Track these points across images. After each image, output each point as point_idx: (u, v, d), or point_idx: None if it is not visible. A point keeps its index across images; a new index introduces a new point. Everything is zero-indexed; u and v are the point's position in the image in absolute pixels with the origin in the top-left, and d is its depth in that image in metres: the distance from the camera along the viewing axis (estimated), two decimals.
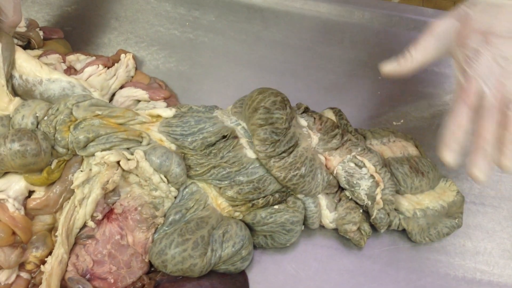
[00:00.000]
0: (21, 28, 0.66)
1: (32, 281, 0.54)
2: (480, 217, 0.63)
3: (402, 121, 0.69)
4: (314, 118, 0.60)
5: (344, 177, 0.58)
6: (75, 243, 0.55)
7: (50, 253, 0.54)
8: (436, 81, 0.73)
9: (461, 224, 0.60)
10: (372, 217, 0.58)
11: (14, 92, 0.59)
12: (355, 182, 0.58)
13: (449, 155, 0.46)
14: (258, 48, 0.74)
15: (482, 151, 0.46)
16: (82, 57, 0.68)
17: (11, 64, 0.58)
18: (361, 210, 0.59)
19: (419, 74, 0.72)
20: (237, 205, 0.57)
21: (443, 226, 0.60)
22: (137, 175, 0.57)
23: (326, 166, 0.59)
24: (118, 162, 0.55)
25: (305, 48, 0.75)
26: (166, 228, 0.56)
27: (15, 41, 0.63)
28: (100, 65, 0.65)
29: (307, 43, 0.75)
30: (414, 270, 0.59)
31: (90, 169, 0.55)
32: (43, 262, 0.54)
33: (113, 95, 0.66)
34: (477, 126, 0.47)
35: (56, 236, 0.54)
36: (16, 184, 0.55)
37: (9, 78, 0.58)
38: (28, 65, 0.59)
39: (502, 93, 0.47)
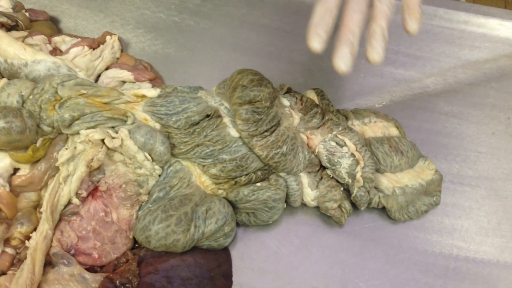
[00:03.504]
0: (8, 9, 0.66)
1: (17, 256, 0.54)
2: (458, 195, 0.64)
3: (384, 103, 0.70)
4: (296, 98, 0.61)
5: (326, 156, 0.59)
6: (60, 220, 0.55)
7: (35, 229, 0.54)
8: (417, 65, 0.74)
9: (439, 202, 0.62)
10: (353, 195, 0.60)
11: (1, 75, 0.60)
12: (336, 160, 0.59)
13: (316, 40, 0.44)
14: (243, 31, 0.75)
15: (347, 42, 0.44)
16: (67, 38, 0.68)
17: None
18: (342, 188, 0.60)
19: (400, 58, 0.74)
20: (220, 183, 0.58)
21: (421, 204, 0.61)
22: (121, 153, 0.57)
23: (308, 145, 0.60)
24: (102, 141, 0.56)
25: (289, 32, 0.75)
26: (150, 205, 0.57)
27: (4, 19, 0.63)
28: (85, 46, 0.65)
29: (292, 27, 0.75)
30: (393, 246, 0.61)
31: (75, 147, 0.56)
32: (28, 238, 0.54)
33: (99, 76, 0.67)
34: (343, 16, 0.45)
35: (40, 213, 0.54)
36: (1, 161, 0.55)
37: None
38: (11, 49, 0.59)
39: None
